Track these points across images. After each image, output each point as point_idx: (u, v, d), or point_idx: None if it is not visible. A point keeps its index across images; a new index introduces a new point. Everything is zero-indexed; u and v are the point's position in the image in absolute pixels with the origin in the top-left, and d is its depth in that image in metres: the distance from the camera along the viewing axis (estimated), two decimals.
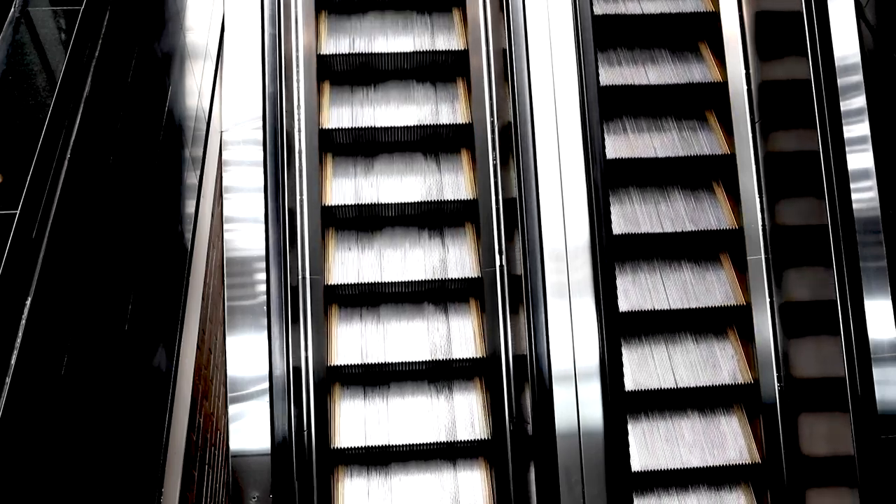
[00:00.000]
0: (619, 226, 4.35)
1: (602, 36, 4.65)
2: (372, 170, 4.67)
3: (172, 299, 3.06)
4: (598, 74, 3.97)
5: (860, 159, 3.48)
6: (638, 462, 4.00)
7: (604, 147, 3.92)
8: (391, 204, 4.50)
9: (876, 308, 3.37)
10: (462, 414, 4.24)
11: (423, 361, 4.24)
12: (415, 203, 4.51)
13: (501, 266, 4.23)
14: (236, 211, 3.61)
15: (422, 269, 4.44)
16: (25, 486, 1.76)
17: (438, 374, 4.33)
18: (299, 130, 4.38)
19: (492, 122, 4.47)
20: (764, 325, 4.09)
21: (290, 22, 4.44)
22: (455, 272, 4.42)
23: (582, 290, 3.66)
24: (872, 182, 3.45)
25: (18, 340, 1.76)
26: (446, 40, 4.93)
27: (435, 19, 5.04)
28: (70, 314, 2.09)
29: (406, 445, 4.11)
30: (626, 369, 4.03)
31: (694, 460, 4.05)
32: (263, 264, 3.54)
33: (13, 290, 1.83)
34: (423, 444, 4.12)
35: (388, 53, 4.80)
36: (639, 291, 4.33)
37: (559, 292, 3.66)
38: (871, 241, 3.41)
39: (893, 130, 3.45)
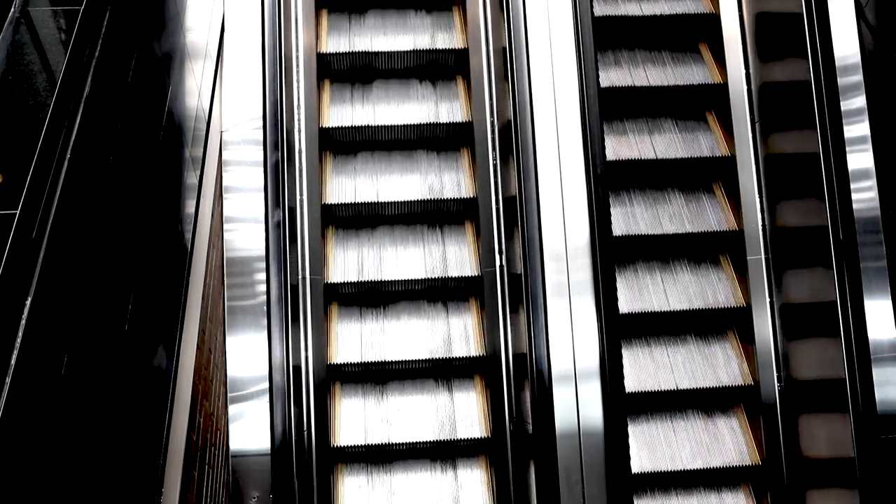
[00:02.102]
0: (618, 227, 4.35)
1: (603, 37, 4.65)
2: (370, 165, 4.68)
3: (172, 299, 3.06)
4: (597, 75, 3.96)
5: (860, 159, 3.48)
6: (638, 467, 4.02)
7: (603, 147, 3.92)
8: (390, 203, 4.52)
9: (876, 308, 3.37)
10: (462, 413, 4.24)
11: (422, 360, 4.25)
12: (414, 202, 4.54)
13: (501, 266, 4.23)
14: (236, 211, 3.61)
15: (422, 267, 4.45)
16: (26, 487, 1.76)
17: (438, 373, 4.34)
18: (299, 130, 4.38)
19: (492, 122, 4.47)
20: (764, 326, 4.09)
21: (290, 21, 4.44)
22: (455, 271, 4.44)
23: (582, 290, 3.66)
24: (872, 182, 3.45)
25: (18, 340, 1.76)
26: (446, 40, 4.93)
27: (434, 19, 5.04)
28: (70, 314, 2.09)
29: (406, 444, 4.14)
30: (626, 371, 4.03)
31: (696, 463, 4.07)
32: (263, 264, 3.54)
33: (13, 290, 1.82)
34: (423, 443, 4.14)
35: (387, 52, 4.83)
36: (638, 294, 4.33)
37: (559, 292, 3.66)
38: (871, 241, 3.41)
39: (893, 130, 3.45)
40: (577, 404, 3.53)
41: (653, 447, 4.08)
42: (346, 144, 4.71)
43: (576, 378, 3.56)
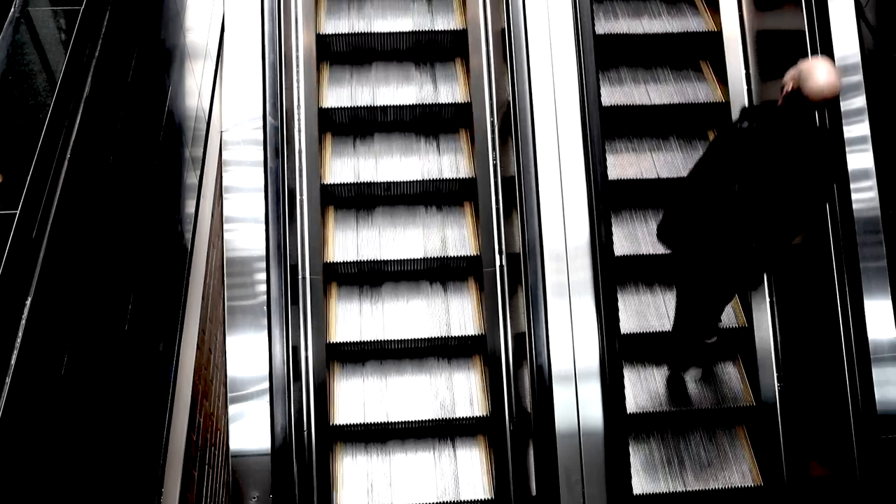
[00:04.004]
0: (619, 248, 4.34)
1: (605, 55, 4.64)
2: (370, 149, 4.72)
3: (172, 299, 3.06)
4: (598, 83, 3.94)
5: (860, 159, 3.48)
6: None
7: (604, 150, 3.90)
8: (388, 182, 4.59)
9: (876, 308, 3.37)
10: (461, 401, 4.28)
11: (422, 338, 4.32)
12: (415, 182, 4.62)
13: (501, 266, 4.23)
14: (236, 211, 3.61)
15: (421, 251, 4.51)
16: (25, 487, 1.76)
17: (439, 355, 4.38)
18: (299, 131, 4.39)
19: (492, 122, 4.47)
20: (764, 327, 4.09)
21: (289, 22, 4.44)
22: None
23: (582, 291, 3.65)
24: (872, 182, 3.45)
25: (18, 340, 1.76)
26: (446, 22, 4.96)
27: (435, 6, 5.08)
28: (70, 314, 2.09)
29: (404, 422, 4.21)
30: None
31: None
32: (263, 264, 3.53)
33: (13, 290, 1.82)
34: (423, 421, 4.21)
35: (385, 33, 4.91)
36: (637, 316, 4.35)
37: (559, 293, 3.65)
38: (871, 241, 3.41)
39: (893, 130, 3.45)
40: (577, 404, 3.53)
41: (655, 472, 4.13)
42: (345, 125, 4.74)
43: (576, 378, 3.56)
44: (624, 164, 4.57)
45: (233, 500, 3.25)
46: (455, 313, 4.40)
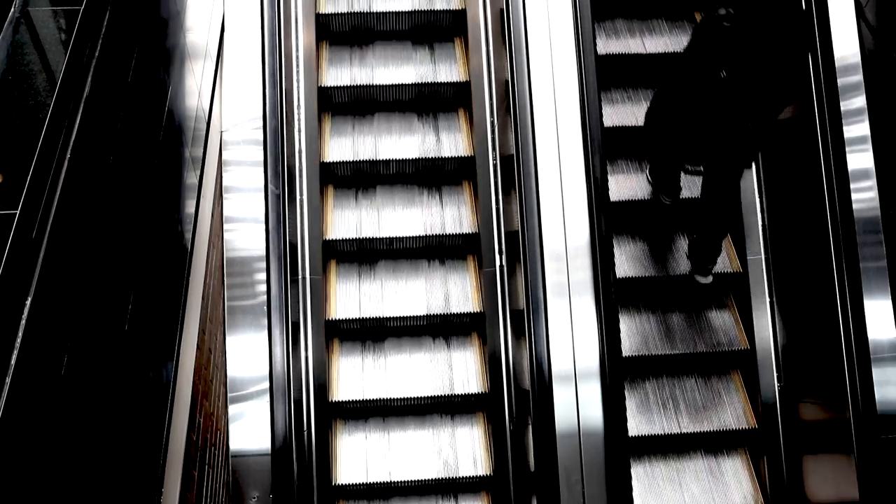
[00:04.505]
0: (614, 196, 4.34)
1: (600, 7, 4.68)
2: (373, 203, 4.71)
3: (172, 299, 3.06)
4: (596, 60, 3.91)
5: (860, 159, 3.48)
6: None
7: (603, 143, 3.90)
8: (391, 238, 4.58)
9: (876, 308, 3.37)
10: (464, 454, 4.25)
11: (425, 396, 4.32)
12: (417, 237, 4.60)
13: (501, 266, 4.23)
14: (236, 211, 3.60)
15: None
16: (25, 487, 1.76)
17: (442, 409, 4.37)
18: (300, 131, 4.38)
19: (492, 122, 4.45)
20: (764, 326, 4.09)
21: (290, 20, 4.43)
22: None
23: (581, 291, 3.65)
24: (872, 182, 3.45)
25: (18, 340, 1.76)
26: (448, 73, 4.90)
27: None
28: (70, 314, 2.09)
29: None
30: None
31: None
32: (263, 264, 3.53)
33: (13, 290, 1.82)
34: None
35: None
36: (632, 261, 4.36)
37: (559, 293, 3.65)
38: (871, 241, 3.41)
39: (893, 130, 3.45)
40: (577, 404, 3.53)
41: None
42: (346, 178, 4.72)
43: (576, 378, 3.55)
44: (620, 114, 4.59)
45: (233, 500, 3.25)
46: (458, 370, 4.34)
